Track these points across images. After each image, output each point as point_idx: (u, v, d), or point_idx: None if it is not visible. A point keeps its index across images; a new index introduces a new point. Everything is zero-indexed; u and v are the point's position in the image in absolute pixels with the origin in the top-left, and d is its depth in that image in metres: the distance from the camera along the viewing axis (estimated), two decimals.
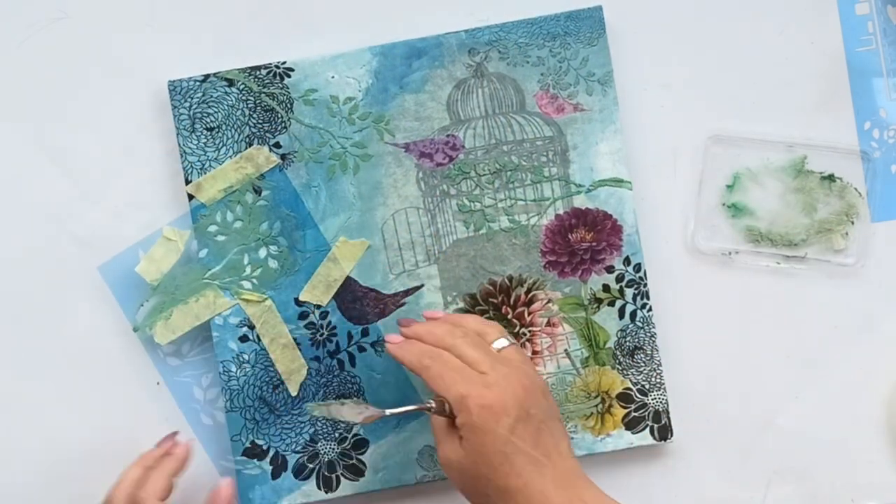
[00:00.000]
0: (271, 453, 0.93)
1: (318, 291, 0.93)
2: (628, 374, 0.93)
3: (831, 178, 0.94)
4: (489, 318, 0.93)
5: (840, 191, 0.94)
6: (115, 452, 0.94)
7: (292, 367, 0.93)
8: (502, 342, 0.84)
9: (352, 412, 0.84)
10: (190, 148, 0.93)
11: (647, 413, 0.93)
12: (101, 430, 0.95)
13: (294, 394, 0.93)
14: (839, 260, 0.94)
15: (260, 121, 0.93)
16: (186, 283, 0.93)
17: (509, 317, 0.93)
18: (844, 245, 0.94)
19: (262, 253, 0.93)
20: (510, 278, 0.93)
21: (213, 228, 0.93)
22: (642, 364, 0.93)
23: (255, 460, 0.93)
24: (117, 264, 0.95)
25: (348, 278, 0.93)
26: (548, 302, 0.93)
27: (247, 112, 0.93)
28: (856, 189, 0.94)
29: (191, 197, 0.93)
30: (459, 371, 0.80)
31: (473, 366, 0.80)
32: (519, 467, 0.78)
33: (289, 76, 0.93)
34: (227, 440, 0.93)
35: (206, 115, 0.93)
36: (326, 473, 0.92)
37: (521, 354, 0.84)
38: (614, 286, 0.93)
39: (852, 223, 0.94)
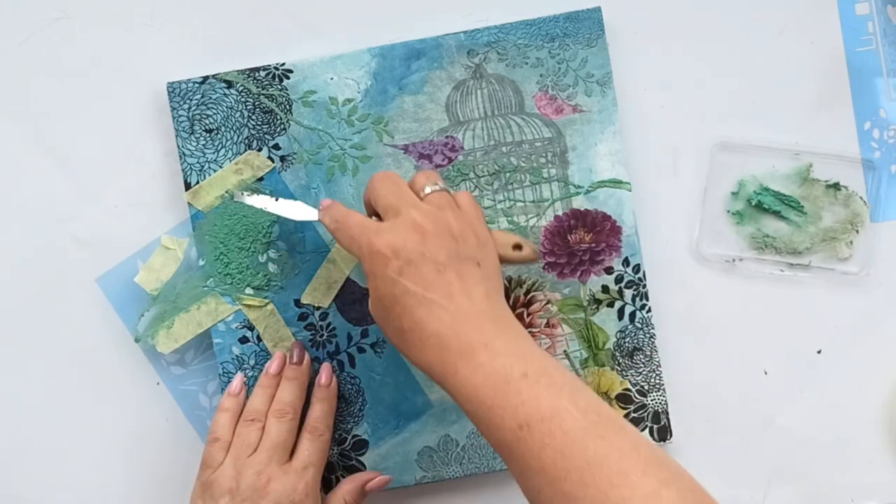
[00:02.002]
0: None
1: (318, 293, 0.93)
2: (627, 375, 0.93)
3: (836, 186, 0.94)
4: None
5: (845, 199, 0.94)
6: (116, 456, 0.95)
7: None
8: (428, 188, 0.83)
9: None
10: (189, 149, 0.93)
11: (646, 414, 0.93)
12: (104, 436, 0.95)
13: None
14: (843, 268, 0.94)
15: (259, 122, 0.93)
16: (187, 290, 0.93)
17: None
18: (849, 253, 0.94)
19: (262, 257, 0.93)
20: (509, 279, 0.93)
21: (211, 234, 0.93)
22: (641, 365, 0.93)
23: None
24: (116, 275, 0.95)
25: (348, 280, 0.93)
26: (547, 303, 0.93)
27: (246, 114, 0.93)
28: (861, 198, 0.94)
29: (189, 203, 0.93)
30: (360, 224, 0.81)
31: (383, 210, 0.81)
32: (410, 309, 0.77)
33: (288, 78, 0.93)
34: None
35: (205, 116, 0.93)
36: (326, 474, 0.92)
37: (442, 199, 0.82)
38: (613, 287, 0.93)
39: (857, 232, 0.94)
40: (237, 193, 0.92)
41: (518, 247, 0.85)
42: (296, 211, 0.90)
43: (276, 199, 0.91)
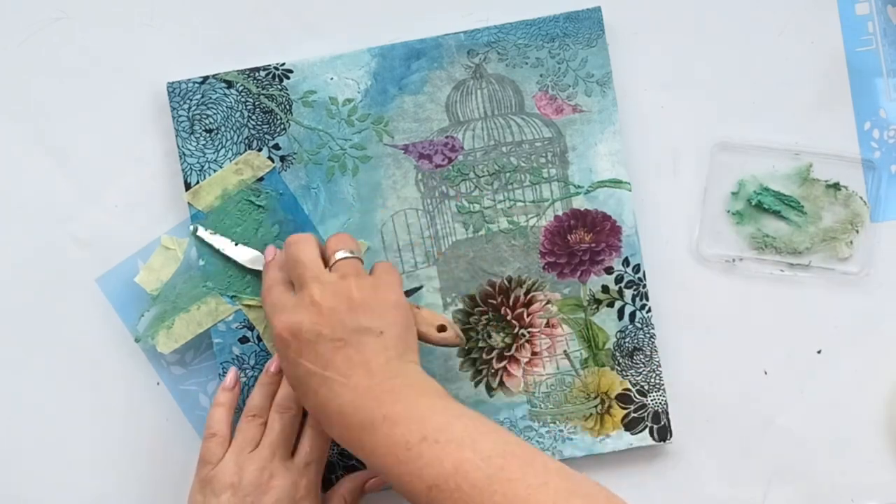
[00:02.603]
0: None
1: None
2: (627, 375, 0.93)
3: (836, 186, 0.94)
4: (488, 318, 0.93)
5: (845, 199, 0.94)
6: (116, 456, 0.95)
7: None
8: (338, 255, 0.84)
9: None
10: (189, 149, 0.93)
11: (646, 414, 0.93)
12: (103, 434, 0.95)
13: None
14: (843, 268, 0.94)
15: (259, 122, 0.93)
16: (187, 290, 0.93)
17: (508, 318, 0.93)
18: (849, 253, 0.94)
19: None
20: (509, 279, 0.93)
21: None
22: (641, 365, 0.93)
23: None
24: (116, 275, 0.95)
25: None
26: (547, 303, 0.93)
27: (246, 114, 0.93)
28: (861, 198, 0.94)
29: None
30: (271, 304, 0.83)
31: (294, 286, 0.83)
32: (314, 388, 0.79)
33: (288, 78, 0.93)
34: None
35: (205, 116, 0.93)
36: (326, 474, 0.92)
37: (348, 266, 0.83)
38: (613, 287, 0.93)
39: (857, 232, 0.94)
40: (200, 229, 0.92)
41: (443, 328, 0.86)
42: (252, 259, 0.92)
43: (236, 244, 0.92)
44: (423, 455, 0.74)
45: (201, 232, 0.92)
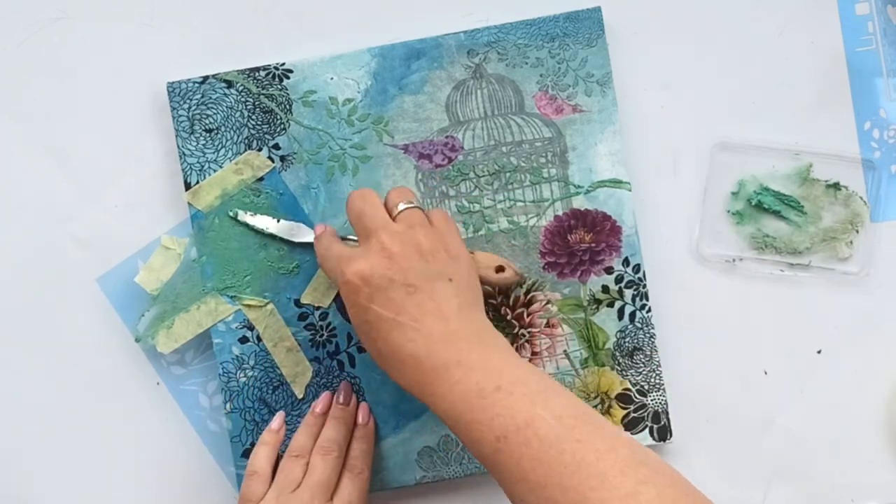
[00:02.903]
0: None
1: (318, 293, 0.93)
2: (627, 375, 0.93)
3: (836, 186, 0.94)
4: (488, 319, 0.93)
5: (845, 199, 0.94)
6: (116, 456, 0.95)
7: (297, 371, 0.93)
8: (401, 206, 0.84)
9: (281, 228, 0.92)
10: (189, 149, 0.93)
11: (646, 414, 0.93)
12: (103, 434, 0.95)
13: (300, 396, 0.93)
14: (843, 268, 0.94)
15: (259, 122, 0.93)
16: (187, 290, 0.93)
17: (508, 318, 0.93)
18: (849, 253, 0.94)
19: (262, 256, 0.93)
20: None
21: (211, 234, 0.93)
22: (641, 365, 0.93)
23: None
24: (116, 275, 0.95)
25: None
26: (547, 303, 0.93)
27: (246, 114, 0.93)
28: (861, 198, 0.94)
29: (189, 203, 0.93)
30: (336, 256, 0.83)
31: (358, 239, 0.83)
32: (385, 333, 0.78)
33: (287, 77, 0.93)
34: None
35: (205, 116, 0.93)
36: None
37: (413, 216, 0.83)
38: (613, 287, 0.93)
39: (857, 232, 0.94)
40: (241, 213, 0.92)
41: (501, 269, 0.87)
42: (296, 232, 0.92)
43: (278, 221, 0.92)
44: (497, 404, 0.74)
45: (242, 216, 0.92)
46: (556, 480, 0.71)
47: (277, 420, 0.92)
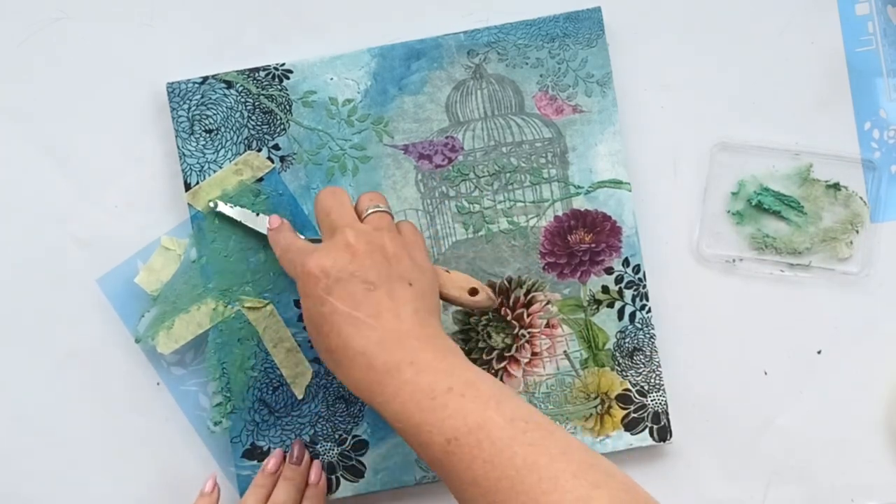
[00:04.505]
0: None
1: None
2: (627, 376, 0.93)
3: (836, 186, 0.94)
4: (488, 319, 0.93)
5: (845, 199, 0.94)
6: (116, 456, 0.95)
7: (297, 371, 0.93)
8: (370, 210, 0.84)
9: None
10: (189, 150, 0.93)
11: (646, 414, 0.93)
12: (103, 434, 0.95)
13: (300, 397, 0.93)
14: (843, 268, 0.94)
15: (259, 123, 0.93)
16: (187, 291, 0.93)
17: (508, 318, 0.93)
18: (849, 254, 0.94)
19: (262, 257, 0.93)
20: (509, 280, 0.93)
21: (211, 235, 0.93)
22: (641, 365, 0.93)
23: (255, 461, 0.93)
24: (116, 276, 0.95)
25: None
26: (547, 303, 0.93)
27: (245, 114, 0.93)
28: (861, 198, 0.94)
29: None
30: (297, 249, 0.83)
31: (322, 230, 0.83)
32: (338, 327, 0.77)
33: (287, 78, 0.93)
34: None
35: (204, 117, 0.93)
36: (326, 475, 0.92)
37: (381, 220, 0.83)
38: (613, 287, 0.93)
39: (857, 232, 0.94)
40: (220, 204, 0.92)
41: (475, 291, 0.86)
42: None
43: (258, 215, 0.92)
44: (448, 406, 0.73)
45: (222, 207, 0.92)
46: (507, 484, 0.70)
47: (209, 483, 0.91)
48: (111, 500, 0.95)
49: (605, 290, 0.93)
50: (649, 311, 0.93)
